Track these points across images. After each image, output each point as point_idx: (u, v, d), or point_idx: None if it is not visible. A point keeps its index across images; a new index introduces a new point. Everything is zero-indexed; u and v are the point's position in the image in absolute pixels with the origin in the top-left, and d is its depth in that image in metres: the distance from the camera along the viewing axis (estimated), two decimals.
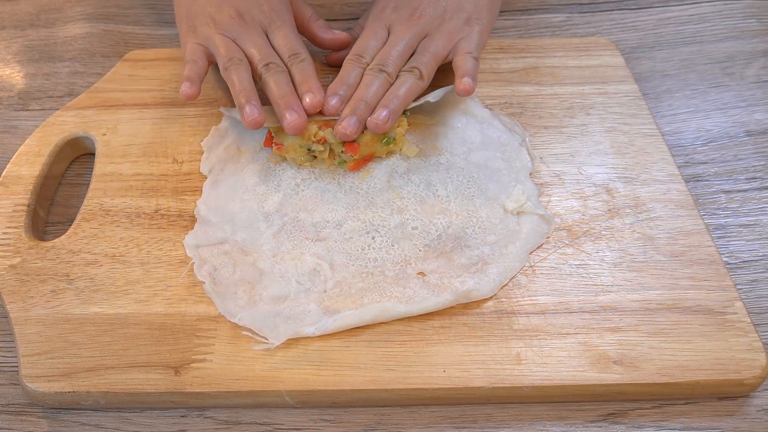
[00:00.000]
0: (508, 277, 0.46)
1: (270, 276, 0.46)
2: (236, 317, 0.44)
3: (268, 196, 0.51)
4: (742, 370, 0.42)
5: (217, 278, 0.46)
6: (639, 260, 0.47)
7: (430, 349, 0.43)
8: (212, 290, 0.45)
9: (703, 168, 0.55)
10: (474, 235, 0.48)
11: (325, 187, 0.51)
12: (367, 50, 0.54)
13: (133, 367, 0.42)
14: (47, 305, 0.45)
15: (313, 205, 0.50)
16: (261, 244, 0.48)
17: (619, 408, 0.43)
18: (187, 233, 0.49)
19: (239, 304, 0.45)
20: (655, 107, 0.59)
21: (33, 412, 0.43)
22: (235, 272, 0.46)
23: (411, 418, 0.42)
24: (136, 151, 0.54)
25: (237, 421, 0.43)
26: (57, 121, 0.56)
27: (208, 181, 0.52)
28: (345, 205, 0.50)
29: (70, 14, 0.70)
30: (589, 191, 0.51)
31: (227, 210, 0.50)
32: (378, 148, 0.52)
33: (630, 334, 0.43)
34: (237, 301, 0.45)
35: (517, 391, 0.42)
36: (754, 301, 0.47)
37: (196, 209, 0.50)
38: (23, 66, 0.65)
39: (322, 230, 0.49)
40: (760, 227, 0.51)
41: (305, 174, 0.52)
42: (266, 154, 0.53)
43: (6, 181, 0.52)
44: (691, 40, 0.66)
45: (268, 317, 0.44)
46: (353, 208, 0.50)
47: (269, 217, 0.49)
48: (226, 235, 0.48)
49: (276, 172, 0.52)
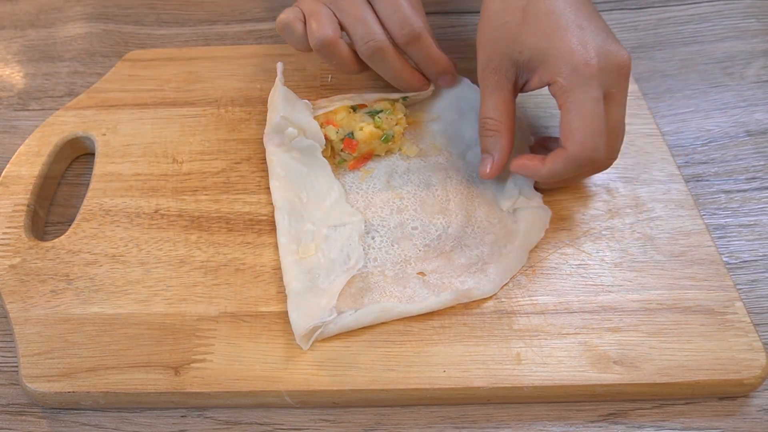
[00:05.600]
0: (508, 276, 0.46)
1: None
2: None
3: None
4: (742, 370, 0.42)
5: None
6: (639, 260, 0.47)
7: (430, 349, 0.43)
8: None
9: (703, 168, 0.55)
10: (473, 234, 0.48)
11: None
12: None
13: (133, 367, 0.42)
14: (47, 305, 0.45)
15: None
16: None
17: (619, 408, 0.43)
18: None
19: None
20: (655, 107, 0.59)
21: (33, 412, 0.43)
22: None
23: (411, 418, 0.42)
24: (136, 151, 0.54)
25: (237, 421, 0.43)
26: (57, 121, 0.56)
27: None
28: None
29: (70, 14, 0.70)
30: (589, 191, 0.51)
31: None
32: (377, 145, 0.52)
33: (630, 334, 0.43)
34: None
35: (517, 391, 0.42)
36: (754, 301, 0.47)
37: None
38: (23, 66, 0.65)
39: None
40: (760, 227, 0.51)
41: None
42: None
43: (6, 181, 0.52)
44: (691, 40, 0.66)
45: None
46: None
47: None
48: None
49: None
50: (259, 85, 0.59)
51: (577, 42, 0.44)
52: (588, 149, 0.43)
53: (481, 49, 0.48)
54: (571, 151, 0.44)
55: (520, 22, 0.45)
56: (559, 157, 0.44)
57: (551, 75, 0.44)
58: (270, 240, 0.49)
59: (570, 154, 0.44)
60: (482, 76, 0.48)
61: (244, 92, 0.59)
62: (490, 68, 0.47)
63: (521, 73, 0.47)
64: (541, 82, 0.46)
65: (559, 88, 0.44)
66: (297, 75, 0.59)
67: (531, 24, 0.45)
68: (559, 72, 0.44)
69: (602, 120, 0.43)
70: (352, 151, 0.51)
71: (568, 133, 0.44)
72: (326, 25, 0.50)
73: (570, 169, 0.45)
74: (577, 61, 0.43)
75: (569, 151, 0.44)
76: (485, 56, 0.47)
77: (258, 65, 0.55)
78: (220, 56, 0.61)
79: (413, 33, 0.49)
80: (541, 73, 0.45)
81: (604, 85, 0.44)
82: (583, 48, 0.44)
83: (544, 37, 0.45)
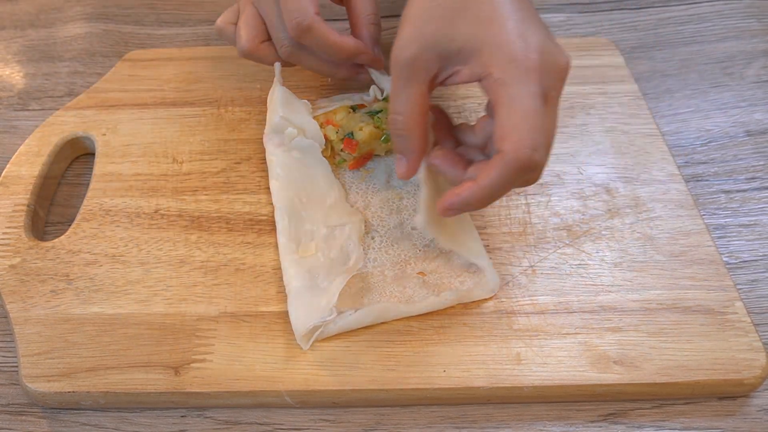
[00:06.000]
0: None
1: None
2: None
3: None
4: (742, 369, 0.42)
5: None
6: (639, 260, 0.47)
7: (430, 349, 0.43)
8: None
9: (703, 168, 0.55)
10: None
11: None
12: None
13: (133, 367, 0.42)
14: (47, 305, 0.45)
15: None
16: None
17: (619, 408, 0.43)
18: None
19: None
20: (655, 107, 0.59)
21: (33, 412, 0.43)
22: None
23: (411, 418, 0.42)
24: (136, 151, 0.54)
25: (237, 421, 0.43)
26: (57, 121, 0.56)
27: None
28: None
29: (70, 14, 0.70)
30: (589, 191, 0.51)
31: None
32: (377, 145, 0.52)
33: (630, 334, 0.43)
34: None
35: (517, 391, 0.42)
36: (754, 301, 0.47)
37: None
38: (23, 66, 0.65)
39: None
40: (760, 227, 0.51)
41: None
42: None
43: (6, 181, 0.52)
44: (690, 40, 0.66)
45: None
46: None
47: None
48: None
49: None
50: (259, 85, 0.59)
51: (517, 34, 0.38)
52: (528, 147, 0.37)
53: (405, 29, 0.41)
54: (509, 152, 0.37)
55: (458, 7, 0.40)
56: (496, 164, 0.38)
57: (485, 66, 0.39)
58: (270, 240, 0.49)
59: (508, 157, 0.37)
60: (398, 62, 0.41)
61: (244, 92, 0.59)
62: (409, 54, 0.41)
63: (446, 65, 0.41)
64: (472, 74, 0.40)
65: (494, 81, 0.38)
66: (297, 75, 0.59)
67: (469, 9, 0.40)
68: (494, 63, 0.38)
69: (542, 117, 0.38)
70: (352, 151, 0.51)
71: (503, 133, 0.38)
72: (246, 34, 0.51)
73: (511, 177, 0.38)
74: (517, 53, 0.38)
75: (507, 154, 0.37)
76: (408, 36, 0.41)
77: (258, 65, 0.55)
78: (220, 56, 0.61)
79: (300, 26, 0.46)
80: (473, 65, 0.39)
81: (543, 84, 0.38)
82: (523, 41, 0.38)
83: (481, 25, 0.39)
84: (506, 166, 0.38)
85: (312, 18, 0.47)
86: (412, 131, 0.42)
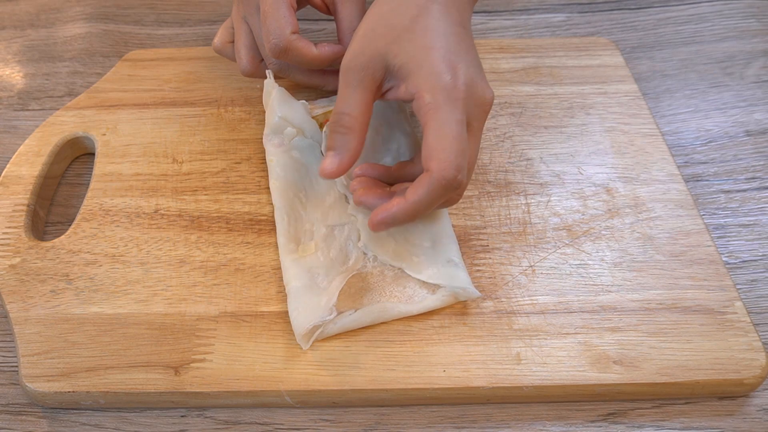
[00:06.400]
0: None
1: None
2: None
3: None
4: (741, 369, 0.42)
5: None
6: (639, 260, 0.47)
7: (429, 349, 0.43)
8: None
9: (702, 168, 0.55)
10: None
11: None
12: None
13: (133, 367, 0.42)
14: (47, 305, 0.45)
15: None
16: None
17: (619, 408, 0.43)
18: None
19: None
20: (655, 107, 0.59)
21: (33, 412, 0.43)
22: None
23: (411, 418, 0.42)
24: (136, 151, 0.54)
25: (237, 421, 0.43)
26: (57, 121, 0.56)
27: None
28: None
29: (70, 14, 0.70)
30: (589, 191, 0.51)
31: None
32: None
33: (630, 334, 0.43)
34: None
35: (517, 391, 0.42)
36: (753, 301, 0.47)
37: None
38: (23, 66, 0.65)
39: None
40: (760, 227, 0.51)
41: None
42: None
43: (6, 181, 0.52)
44: (690, 40, 0.66)
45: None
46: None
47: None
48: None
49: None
50: (259, 85, 0.59)
51: (449, 66, 0.43)
52: (453, 168, 0.41)
53: (357, 40, 0.45)
54: (436, 171, 0.41)
55: (406, 28, 0.44)
56: (424, 182, 0.42)
57: (418, 88, 0.43)
58: (270, 240, 0.49)
59: (435, 176, 0.41)
60: (348, 68, 0.45)
61: (244, 92, 0.59)
62: (360, 61, 0.44)
63: (389, 77, 0.45)
64: (407, 92, 0.44)
65: (425, 104, 0.42)
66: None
67: (416, 33, 0.44)
68: (427, 88, 0.42)
69: (465, 142, 0.42)
70: None
71: (431, 153, 0.41)
72: (245, 56, 0.53)
73: (437, 195, 0.42)
74: (447, 82, 0.42)
75: (434, 173, 0.41)
76: (359, 47, 0.45)
77: None
78: (220, 56, 0.61)
79: (277, 47, 0.49)
80: (409, 84, 0.43)
81: (467, 113, 0.42)
82: (453, 73, 0.42)
83: (423, 50, 0.43)
84: (433, 184, 0.41)
85: (287, 39, 0.48)
86: (354, 131, 0.44)
